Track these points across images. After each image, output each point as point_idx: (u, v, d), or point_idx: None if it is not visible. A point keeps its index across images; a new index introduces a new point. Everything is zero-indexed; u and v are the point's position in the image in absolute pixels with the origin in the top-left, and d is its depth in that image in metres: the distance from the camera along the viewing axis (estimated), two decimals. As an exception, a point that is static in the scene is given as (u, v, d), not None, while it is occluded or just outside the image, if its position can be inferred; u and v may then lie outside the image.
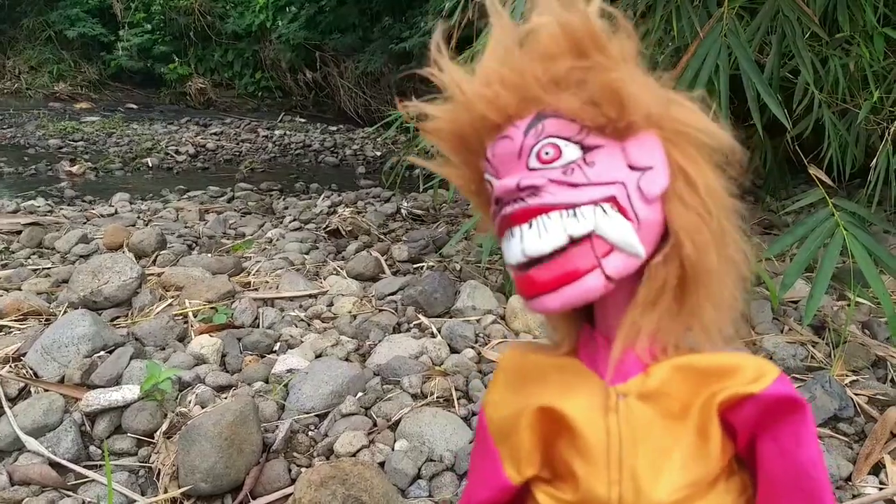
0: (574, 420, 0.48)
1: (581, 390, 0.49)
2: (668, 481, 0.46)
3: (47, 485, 1.31)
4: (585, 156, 0.45)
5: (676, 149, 0.46)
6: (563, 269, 0.44)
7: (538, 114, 0.45)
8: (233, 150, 6.34)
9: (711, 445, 0.47)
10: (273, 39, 8.91)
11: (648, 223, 0.45)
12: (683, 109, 0.47)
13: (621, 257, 0.44)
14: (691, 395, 0.47)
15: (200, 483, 1.26)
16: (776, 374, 0.47)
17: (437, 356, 1.75)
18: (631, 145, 0.45)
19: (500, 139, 0.47)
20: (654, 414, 0.47)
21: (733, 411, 0.47)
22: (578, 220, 0.44)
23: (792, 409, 0.47)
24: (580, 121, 0.45)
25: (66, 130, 6.66)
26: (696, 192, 0.45)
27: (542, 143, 0.45)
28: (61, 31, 9.21)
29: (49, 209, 3.57)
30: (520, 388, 0.53)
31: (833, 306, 2.00)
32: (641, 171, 0.45)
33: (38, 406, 1.44)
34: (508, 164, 0.47)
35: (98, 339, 1.68)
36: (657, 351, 0.48)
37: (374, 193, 4.09)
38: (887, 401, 1.53)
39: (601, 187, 0.44)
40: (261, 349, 1.79)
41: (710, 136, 0.46)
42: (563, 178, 0.45)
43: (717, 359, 0.48)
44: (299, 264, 2.54)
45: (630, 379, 0.48)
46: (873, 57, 2.08)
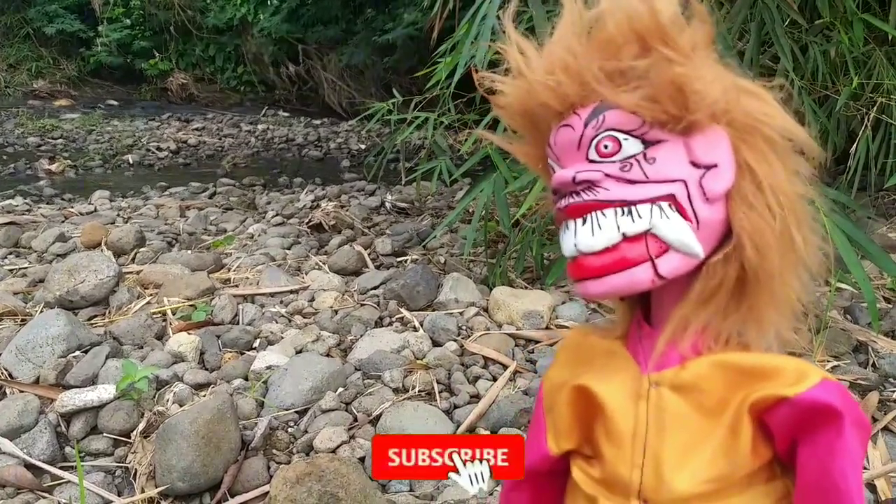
0: (605, 402, 0.49)
1: (618, 375, 0.50)
2: (692, 473, 0.46)
3: (22, 486, 1.29)
4: (647, 151, 0.44)
5: (745, 145, 0.44)
6: (612, 257, 0.44)
7: (600, 104, 0.44)
8: (215, 145, 6.28)
9: (741, 444, 0.46)
10: (255, 33, 8.82)
11: (709, 223, 0.43)
12: (756, 101, 0.45)
13: (677, 257, 0.44)
14: (728, 392, 0.46)
15: (177, 482, 1.24)
16: (817, 379, 0.44)
17: (419, 350, 1.73)
18: (695, 141, 0.44)
19: (561, 127, 0.46)
20: (685, 405, 0.47)
21: (769, 413, 0.46)
22: (634, 220, 0.43)
23: (828, 417, 0.44)
24: (642, 115, 0.44)
25: (45, 128, 6.56)
26: (763, 193, 0.43)
27: (602, 135, 0.44)
28: (39, 27, 9.08)
29: (27, 208, 3.52)
30: (572, 366, 0.54)
31: (815, 292, 2.00)
32: (705, 168, 0.43)
33: (12, 407, 1.42)
34: (569, 154, 0.46)
35: (73, 338, 1.65)
36: (701, 346, 0.47)
37: (359, 187, 4.06)
38: (868, 385, 1.54)
39: (660, 185, 0.43)
40: (240, 346, 1.77)
41: (785, 130, 0.44)
42: (620, 173, 0.44)
43: (759, 359, 0.46)
44: (281, 260, 2.52)
45: (665, 370, 0.48)
46: (853, 43, 2.08)
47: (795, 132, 0.44)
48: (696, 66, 0.43)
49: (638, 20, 0.43)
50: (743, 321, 0.46)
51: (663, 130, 0.44)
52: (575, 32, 0.46)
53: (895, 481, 1.29)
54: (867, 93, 2.11)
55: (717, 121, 0.44)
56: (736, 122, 0.44)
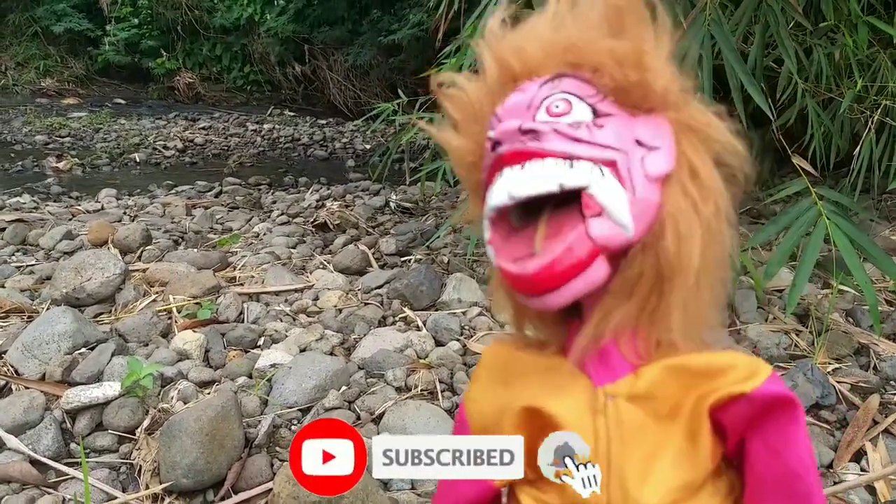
0: (561, 421, 0.47)
1: (569, 391, 0.48)
2: (657, 485, 0.45)
3: (28, 482, 1.30)
4: (596, 119, 0.44)
5: (687, 141, 0.45)
6: (566, 263, 0.42)
7: (558, 73, 0.45)
8: (221, 144, 6.30)
9: (701, 448, 0.46)
10: (261, 33, 8.84)
11: (643, 201, 0.43)
12: (700, 110, 0.47)
13: (608, 224, 0.42)
14: (681, 395, 0.46)
15: (182, 479, 1.25)
16: (768, 372, 0.46)
17: (421, 349, 1.74)
18: (642, 123, 0.45)
19: (513, 92, 0.46)
20: (643, 416, 0.46)
21: (725, 411, 0.46)
22: (573, 171, 0.42)
23: (783, 408, 0.45)
24: (598, 84, 0.44)
25: (52, 126, 6.60)
26: (698, 185, 0.44)
27: (555, 96, 0.44)
28: (48, 26, 9.11)
29: (35, 206, 3.54)
30: (504, 385, 0.51)
31: (818, 295, 2.00)
32: (648, 149, 0.44)
33: (18, 404, 1.43)
34: (517, 113, 0.45)
35: (79, 335, 1.67)
36: (643, 351, 0.47)
37: (364, 187, 4.07)
38: (869, 388, 1.54)
39: (604, 149, 0.43)
40: (245, 344, 1.79)
41: (724, 142, 0.46)
42: (567, 130, 0.43)
43: (708, 358, 0.46)
44: (285, 259, 2.53)
45: (619, 380, 0.47)
46: (858, 46, 2.08)
47: (734, 145, 0.46)
48: (660, 54, 0.45)
49: (619, 11, 0.45)
50: (667, 319, 0.45)
51: (615, 105, 0.45)
52: (555, 14, 0.47)
53: (895, 484, 1.29)
54: (871, 95, 2.11)
55: (664, 109, 0.45)
56: (682, 118, 0.46)
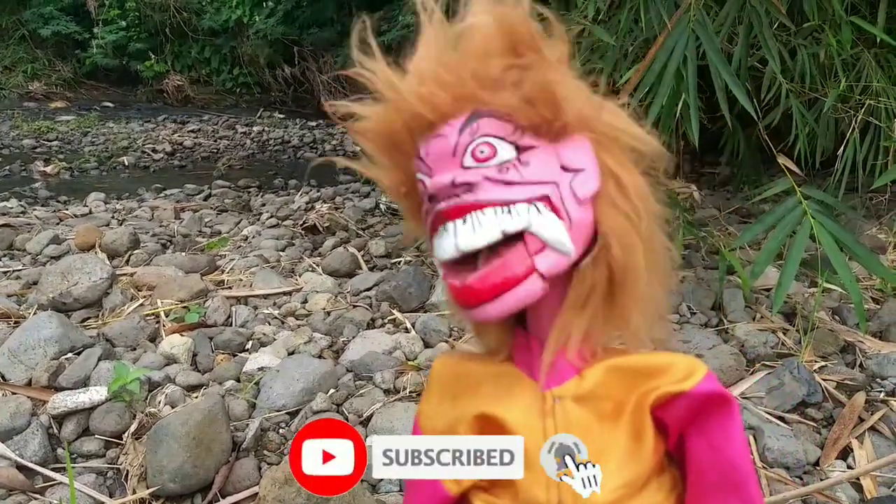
0: (512, 425, 0.49)
1: (518, 396, 0.50)
2: (605, 482, 0.47)
3: (14, 488, 1.30)
4: (520, 156, 0.45)
5: (607, 153, 0.46)
6: (501, 275, 0.44)
7: (473, 112, 0.45)
8: (210, 147, 6.27)
9: (645, 445, 0.48)
10: (250, 35, 8.82)
11: (580, 223, 0.45)
12: (614, 115, 0.48)
13: (553, 256, 0.44)
14: (624, 394, 0.48)
15: (169, 483, 1.25)
16: (704, 371, 0.49)
17: (410, 351, 1.74)
18: (564, 148, 0.46)
19: (433, 138, 0.46)
20: (589, 416, 0.48)
21: (665, 409, 0.48)
22: (512, 217, 0.44)
23: (720, 404, 0.48)
24: (515, 121, 0.45)
25: (40, 130, 6.56)
26: (626, 196, 0.46)
27: (478, 141, 0.45)
28: (35, 29, 9.07)
29: (22, 210, 3.52)
30: (455, 397, 0.53)
31: (804, 293, 2.02)
32: (574, 172, 0.45)
33: (4, 409, 1.43)
34: (443, 163, 0.46)
35: (65, 340, 1.66)
36: (587, 354, 0.49)
37: (354, 189, 4.07)
38: (855, 386, 1.55)
39: (535, 186, 0.45)
40: (233, 348, 1.78)
41: (640, 141, 0.47)
42: (497, 175, 0.45)
43: (648, 358, 0.49)
44: (274, 261, 2.53)
45: (565, 382, 0.49)
46: (842, 46, 2.09)
47: (648, 142, 0.47)
48: (563, 74, 0.45)
49: (508, 29, 0.45)
50: (617, 324, 0.48)
51: (534, 136, 0.46)
52: (440, 45, 0.46)
53: (881, 481, 1.30)
54: (856, 95, 2.13)
55: (583, 128, 0.46)
56: (598, 132, 0.47)
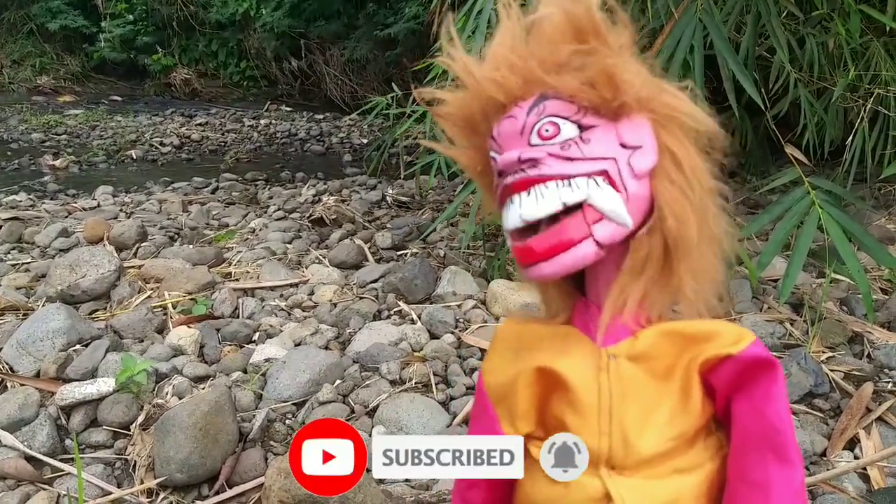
0: (568, 378, 0.52)
1: (575, 352, 0.53)
2: (654, 434, 0.50)
3: (23, 479, 1.31)
4: (582, 134, 0.49)
5: (665, 131, 0.50)
6: (558, 238, 0.48)
7: (540, 95, 0.50)
8: (218, 140, 6.28)
9: (693, 403, 0.51)
10: (257, 28, 8.80)
11: (636, 196, 0.49)
12: (673, 96, 0.51)
13: (611, 226, 0.48)
14: (676, 357, 0.52)
15: (176, 474, 1.26)
16: (752, 338, 0.51)
17: (416, 342, 1.75)
18: (623, 126, 0.49)
19: (505, 119, 0.51)
20: (641, 373, 0.51)
21: (714, 372, 0.51)
22: (572, 190, 0.48)
23: (766, 368, 0.51)
24: (578, 102, 0.49)
25: (49, 124, 6.58)
26: (682, 171, 0.49)
27: (543, 121, 0.49)
28: (43, 23, 9.08)
29: (31, 203, 3.54)
30: (517, 354, 0.56)
31: (812, 284, 2.00)
32: (632, 149, 0.49)
33: (13, 400, 1.44)
34: (512, 141, 0.50)
35: (73, 332, 1.67)
36: (642, 318, 0.52)
37: (360, 181, 4.07)
38: (863, 376, 1.54)
39: (595, 162, 0.48)
40: (240, 339, 1.79)
41: (696, 121, 0.50)
42: (560, 152, 0.49)
43: (699, 325, 0.52)
44: (281, 254, 2.54)
45: (620, 342, 0.52)
46: (851, 34, 2.07)
47: (705, 121, 0.50)
48: (624, 59, 0.49)
49: (575, 19, 0.49)
50: (672, 291, 0.52)
51: (596, 116, 0.49)
52: (514, 35, 0.51)
53: (888, 471, 1.30)
54: (864, 84, 2.11)
55: (641, 109, 0.50)
56: (657, 112, 0.50)
